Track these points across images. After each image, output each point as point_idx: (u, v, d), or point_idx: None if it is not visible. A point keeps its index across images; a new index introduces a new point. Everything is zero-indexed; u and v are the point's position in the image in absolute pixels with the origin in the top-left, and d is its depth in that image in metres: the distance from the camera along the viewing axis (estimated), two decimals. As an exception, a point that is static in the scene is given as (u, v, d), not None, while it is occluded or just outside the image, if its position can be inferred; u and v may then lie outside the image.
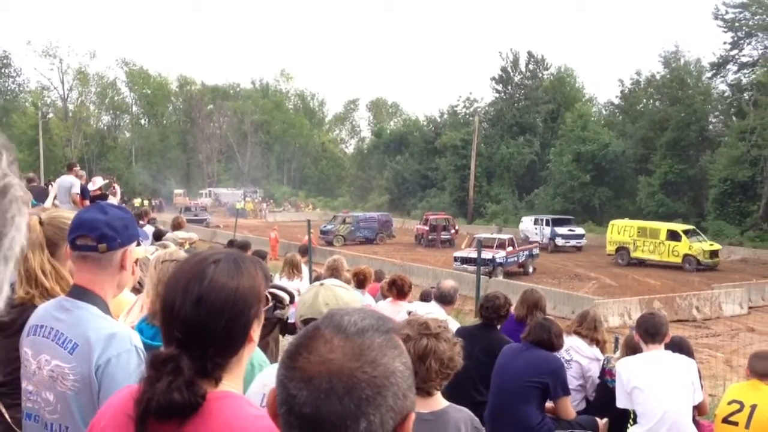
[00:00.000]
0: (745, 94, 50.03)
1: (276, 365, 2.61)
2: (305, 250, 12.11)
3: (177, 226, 10.21)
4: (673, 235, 33.83)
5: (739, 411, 4.23)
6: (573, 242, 40.91)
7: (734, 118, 50.44)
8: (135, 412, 1.42)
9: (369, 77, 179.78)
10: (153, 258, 3.95)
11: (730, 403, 4.39)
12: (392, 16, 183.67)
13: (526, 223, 43.11)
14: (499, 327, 5.60)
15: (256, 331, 1.58)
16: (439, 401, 2.74)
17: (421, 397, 2.65)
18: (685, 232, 34.17)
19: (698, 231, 36.09)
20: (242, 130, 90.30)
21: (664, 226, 35.45)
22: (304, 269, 9.34)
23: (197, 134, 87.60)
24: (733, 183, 44.91)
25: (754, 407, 4.23)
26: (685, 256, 32.98)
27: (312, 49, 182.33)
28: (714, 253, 33.31)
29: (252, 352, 1.63)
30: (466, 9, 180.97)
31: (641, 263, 34.36)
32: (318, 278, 8.14)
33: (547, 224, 41.21)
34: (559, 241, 40.56)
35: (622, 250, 35.42)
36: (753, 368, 4.51)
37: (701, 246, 33.34)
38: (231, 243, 10.40)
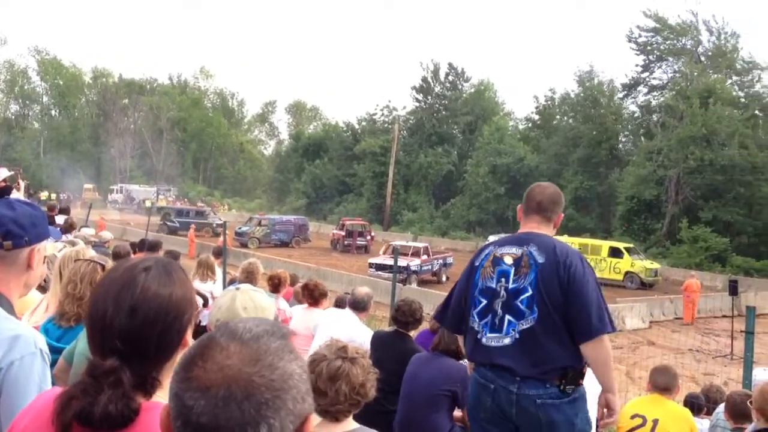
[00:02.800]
0: (653, 116, 52.10)
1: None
2: (219, 252, 11.90)
3: (68, 228, 9.54)
4: (615, 252, 34.10)
5: (641, 425, 4.37)
6: None
7: (643, 138, 52.45)
8: (58, 418, 1.38)
9: (289, 80, 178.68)
10: (60, 256, 3.82)
11: (632, 417, 4.52)
12: (315, 21, 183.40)
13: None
14: (413, 333, 5.64)
15: (189, 338, 1.56)
16: (348, 425, 2.69)
17: (329, 422, 2.62)
18: (627, 249, 34.60)
19: (638, 249, 36.70)
20: (158, 127, 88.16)
21: (605, 244, 35.75)
22: (218, 271, 9.17)
23: (110, 128, 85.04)
24: (639, 201, 46.65)
25: (656, 422, 4.37)
26: (627, 273, 33.33)
27: (233, 48, 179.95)
28: (654, 272, 33.93)
29: None
30: (389, 17, 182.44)
31: None
32: (232, 281, 8.03)
33: None
34: None
35: None
36: (654, 382, 4.68)
37: (643, 264, 33.89)
38: (142, 242, 10.09)
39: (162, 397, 1.50)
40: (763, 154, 43.19)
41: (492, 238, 37.97)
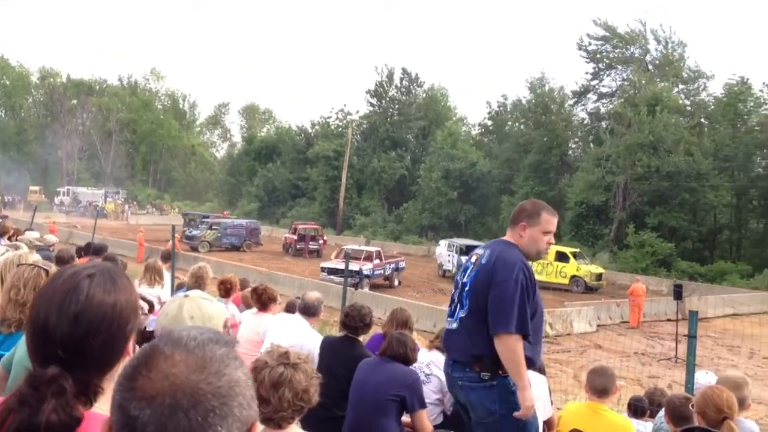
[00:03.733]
0: (602, 123, 53.08)
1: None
2: (168, 256, 11.73)
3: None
4: (562, 257, 34.57)
5: (580, 441, 4.39)
6: None
7: (592, 144, 53.35)
8: None
9: (243, 82, 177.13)
10: (2, 260, 3.74)
11: None
12: (269, 23, 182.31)
13: (442, 248, 37.98)
14: (362, 338, 5.64)
15: (132, 346, 1.54)
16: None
17: (272, 430, 2.60)
18: (574, 254, 35.16)
19: (584, 254, 37.32)
20: (107, 128, 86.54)
21: (552, 248, 35.91)
22: (166, 276, 9.04)
23: (58, 129, 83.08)
24: (588, 206, 47.46)
25: (594, 438, 4.39)
26: (573, 277, 33.87)
27: (185, 49, 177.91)
28: (599, 276, 34.53)
29: None
30: (344, 20, 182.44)
31: None
32: (181, 286, 7.90)
33: (458, 252, 35.21)
34: None
35: None
36: (591, 384, 4.70)
37: (588, 268, 34.54)
38: (88, 246, 9.90)
39: (104, 405, 1.49)
40: (708, 161, 44.31)
41: (443, 243, 38.24)
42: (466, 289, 3.95)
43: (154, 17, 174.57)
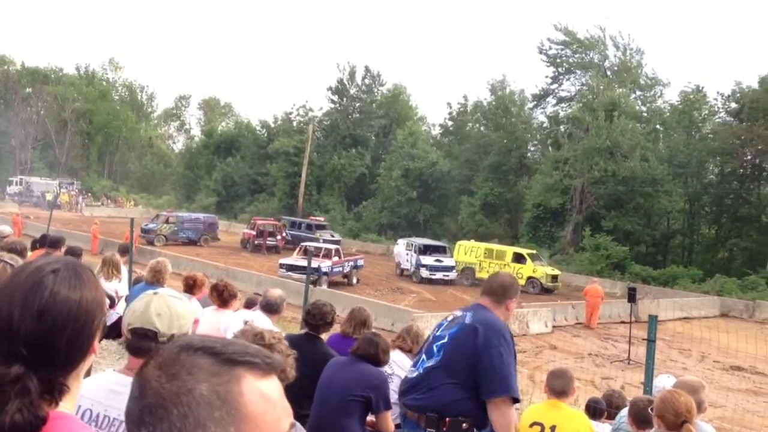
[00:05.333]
0: (561, 127, 53.65)
1: (95, 377, 2.46)
2: (125, 249, 11.53)
3: None
4: (518, 258, 35.13)
5: (540, 433, 4.46)
6: (440, 275, 34.44)
7: (550, 148, 53.89)
8: None
9: (203, 75, 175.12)
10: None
11: (531, 425, 4.60)
12: (230, 16, 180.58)
13: (400, 247, 37.85)
14: (324, 336, 5.60)
15: (98, 343, 1.49)
16: None
17: None
18: (530, 255, 35.62)
19: (540, 256, 37.81)
20: (62, 118, 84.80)
21: (509, 249, 36.70)
22: (124, 270, 8.88)
23: (11, 118, 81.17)
24: (545, 209, 47.98)
25: (553, 428, 4.47)
26: (529, 278, 34.26)
27: (145, 40, 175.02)
28: (555, 278, 34.99)
29: (90, 364, 1.53)
30: (306, 17, 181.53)
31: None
32: (139, 280, 7.77)
33: (416, 251, 35.41)
34: (424, 272, 34.31)
35: (467, 270, 35.93)
36: (550, 386, 4.78)
37: (545, 270, 34.98)
38: (44, 237, 9.65)
39: (69, 404, 1.44)
40: (663, 167, 45.15)
41: (402, 242, 38.38)
42: (442, 341, 4.01)
43: (114, 6, 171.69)
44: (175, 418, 0.95)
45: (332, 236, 43.81)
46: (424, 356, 4.08)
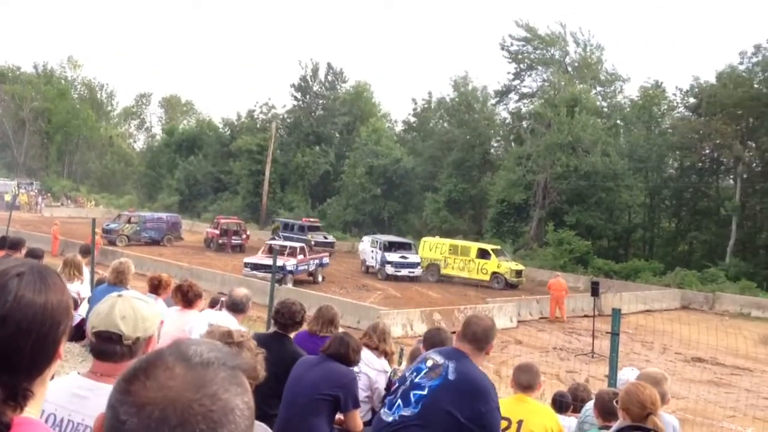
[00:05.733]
0: (523, 123, 54.08)
1: (58, 380, 2.41)
2: (87, 250, 11.36)
3: None
4: (483, 254, 35.25)
5: (507, 428, 4.48)
6: (405, 271, 34.90)
7: (513, 143, 54.32)
8: None
9: (163, 73, 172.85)
10: None
11: None
12: (191, 13, 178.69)
13: (365, 244, 38.02)
14: (292, 335, 5.57)
15: (63, 348, 1.45)
16: None
17: None
18: (494, 251, 35.79)
19: (504, 251, 38.04)
20: (20, 117, 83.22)
21: (474, 245, 36.81)
22: (86, 271, 8.74)
23: (-33, 117, 79.70)
24: (509, 204, 48.31)
25: (520, 423, 4.50)
26: (494, 274, 34.49)
27: (104, 37, 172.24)
28: (519, 273, 35.18)
29: (55, 369, 1.49)
30: (269, 13, 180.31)
31: (450, 280, 35.36)
32: (101, 281, 7.65)
33: (381, 248, 35.78)
34: (389, 269, 34.59)
35: (432, 266, 35.93)
36: (517, 380, 4.81)
37: (509, 265, 35.15)
38: (3, 239, 9.43)
39: (34, 409, 1.40)
40: (623, 161, 45.77)
41: (367, 239, 38.38)
42: (421, 392, 3.84)
43: (73, 3, 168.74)
44: None
45: (325, 238, 43.90)
46: (399, 401, 3.90)
